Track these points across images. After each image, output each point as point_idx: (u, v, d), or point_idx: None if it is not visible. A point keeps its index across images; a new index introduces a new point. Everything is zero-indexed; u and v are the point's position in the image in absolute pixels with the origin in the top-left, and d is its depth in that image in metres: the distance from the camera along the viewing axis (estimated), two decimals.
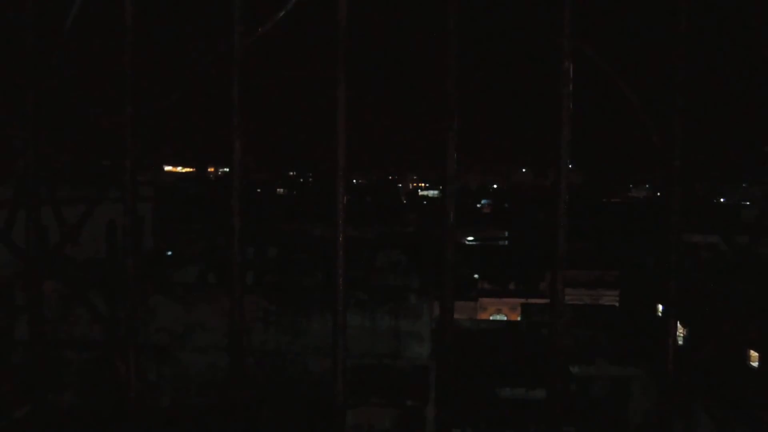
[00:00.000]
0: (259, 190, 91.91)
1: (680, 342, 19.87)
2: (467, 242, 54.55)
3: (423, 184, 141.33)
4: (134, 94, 2.06)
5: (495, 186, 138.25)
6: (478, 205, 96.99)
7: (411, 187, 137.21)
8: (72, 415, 8.99)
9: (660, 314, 22.05)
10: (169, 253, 22.97)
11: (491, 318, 39.67)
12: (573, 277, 37.89)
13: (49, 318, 8.91)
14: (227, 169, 2.08)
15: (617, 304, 30.99)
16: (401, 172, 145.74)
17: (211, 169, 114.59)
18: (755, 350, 17.63)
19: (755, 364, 17.67)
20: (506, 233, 61.89)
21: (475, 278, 41.80)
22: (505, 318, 39.75)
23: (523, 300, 37.32)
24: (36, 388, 2.25)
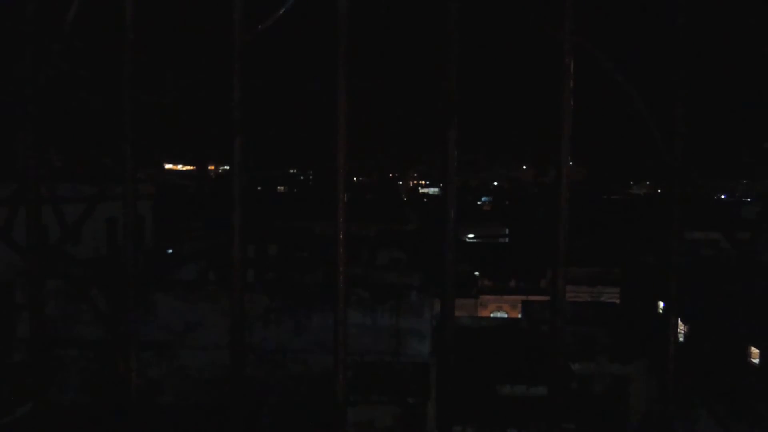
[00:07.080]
0: (259, 188, 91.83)
1: (681, 339, 19.86)
2: (468, 239, 54.53)
3: (423, 182, 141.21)
4: (134, 92, 2.06)
5: (495, 183, 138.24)
6: (479, 203, 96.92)
7: (412, 184, 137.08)
8: (73, 413, 9.01)
9: (661, 311, 22.05)
10: (170, 251, 22.97)
11: (492, 315, 39.68)
12: (573, 274, 37.91)
13: (50, 316, 8.92)
14: (228, 167, 2.08)
15: (618, 301, 30.99)
16: (402, 170, 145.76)
17: (211, 167, 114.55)
18: (756, 347, 17.62)
19: (756, 360, 17.66)
20: (507, 230, 61.85)
21: (475, 275, 41.81)
22: (506, 315, 39.76)
23: (523, 297, 37.33)
24: (37, 387, 2.25)
